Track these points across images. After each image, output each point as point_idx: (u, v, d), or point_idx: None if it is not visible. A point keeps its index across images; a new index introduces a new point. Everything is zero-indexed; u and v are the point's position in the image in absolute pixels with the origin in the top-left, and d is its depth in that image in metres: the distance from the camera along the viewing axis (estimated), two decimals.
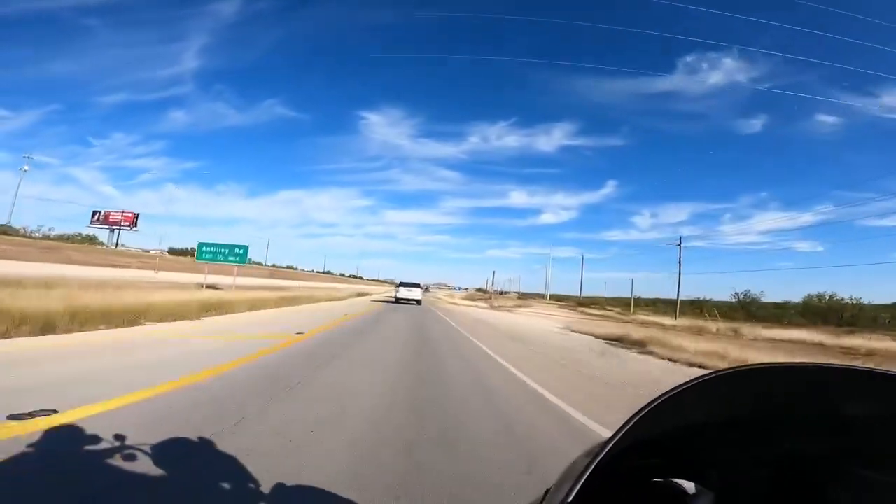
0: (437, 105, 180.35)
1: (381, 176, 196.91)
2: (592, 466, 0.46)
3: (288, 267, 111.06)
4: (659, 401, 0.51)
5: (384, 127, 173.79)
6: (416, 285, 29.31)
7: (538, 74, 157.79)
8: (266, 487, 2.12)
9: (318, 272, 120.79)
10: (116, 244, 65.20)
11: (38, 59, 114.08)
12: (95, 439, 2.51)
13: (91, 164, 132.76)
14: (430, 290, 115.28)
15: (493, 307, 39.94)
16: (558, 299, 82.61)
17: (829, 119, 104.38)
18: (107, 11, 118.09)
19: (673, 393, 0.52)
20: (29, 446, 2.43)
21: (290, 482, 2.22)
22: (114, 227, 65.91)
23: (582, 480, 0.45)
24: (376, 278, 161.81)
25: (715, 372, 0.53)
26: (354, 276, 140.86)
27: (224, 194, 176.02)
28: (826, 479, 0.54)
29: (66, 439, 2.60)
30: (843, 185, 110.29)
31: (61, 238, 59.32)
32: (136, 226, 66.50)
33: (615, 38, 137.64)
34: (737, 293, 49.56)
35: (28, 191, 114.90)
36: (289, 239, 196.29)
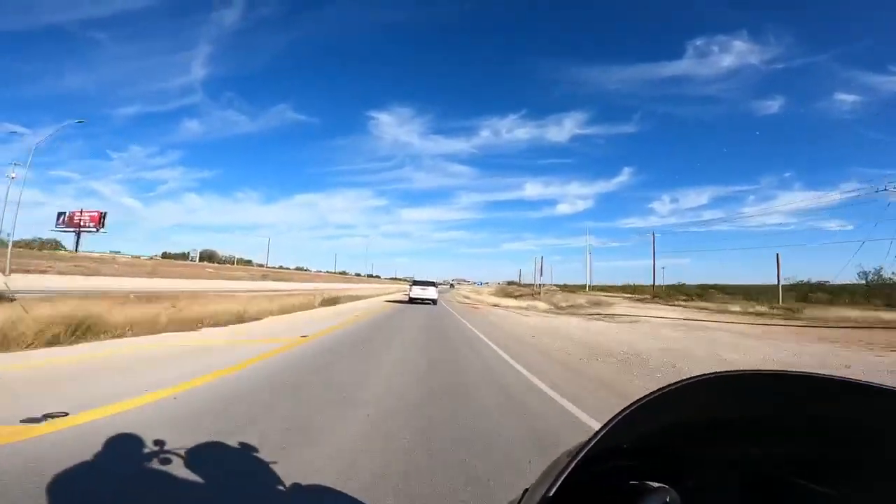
0: (446, 101, 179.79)
1: (393, 175, 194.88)
2: (571, 466, 0.47)
3: (297, 268, 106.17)
4: (636, 405, 0.52)
5: (394, 126, 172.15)
6: (431, 283, 27.25)
7: (546, 65, 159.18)
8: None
9: (329, 272, 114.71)
10: (76, 248, 55.09)
11: (51, 73, 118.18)
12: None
13: (112, 177, 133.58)
14: (455, 287, 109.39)
15: (553, 310, 26.65)
16: (600, 289, 69.05)
17: (849, 98, 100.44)
18: (111, 24, 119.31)
19: (652, 397, 0.53)
20: None
21: None
22: (80, 229, 55.86)
23: (562, 479, 0.46)
24: (394, 276, 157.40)
25: (694, 377, 0.55)
26: (370, 276, 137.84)
27: (242, 201, 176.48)
28: (794, 483, 0.57)
29: None
30: (868, 163, 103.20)
31: (20, 244, 50.32)
32: (102, 227, 56.26)
33: (622, 25, 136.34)
34: (864, 271, 36.18)
35: (54, 203, 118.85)
36: (305, 241, 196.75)
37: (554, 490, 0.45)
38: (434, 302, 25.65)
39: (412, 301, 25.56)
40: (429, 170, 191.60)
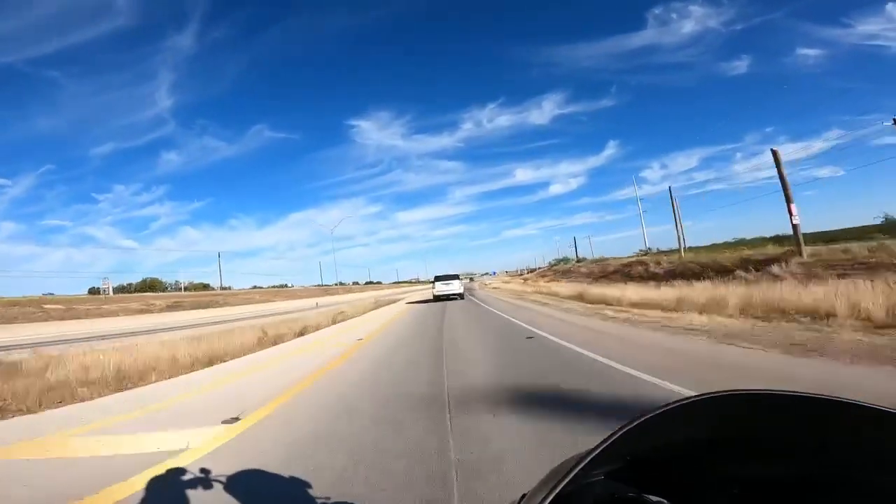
0: (423, 99, 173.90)
1: (384, 180, 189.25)
2: (568, 478, 0.47)
3: (281, 285, 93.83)
4: (639, 420, 0.53)
5: (376, 131, 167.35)
6: (455, 277, 26.27)
7: (516, 50, 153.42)
8: None
9: (317, 286, 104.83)
10: None
11: (17, 118, 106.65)
12: None
13: (103, 220, 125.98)
14: (474, 280, 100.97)
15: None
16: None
17: (811, 52, 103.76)
18: (60, 61, 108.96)
19: (654, 413, 0.53)
20: None
21: None
22: None
23: (557, 490, 0.46)
24: (402, 280, 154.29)
25: (696, 396, 0.55)
26: (370, 283, 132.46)
27: (237, 228, 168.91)
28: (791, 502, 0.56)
29: None
30: (845, 111, 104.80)
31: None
32: None
33: (582, 1, 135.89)
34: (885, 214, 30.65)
35: (55, 256, 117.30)
36: (310, 258, 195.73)
37: (549, 500, 0.45)
38: (461, 296, 24.60)
39: (437, 299, 24.13)
40: (418, 170, 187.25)
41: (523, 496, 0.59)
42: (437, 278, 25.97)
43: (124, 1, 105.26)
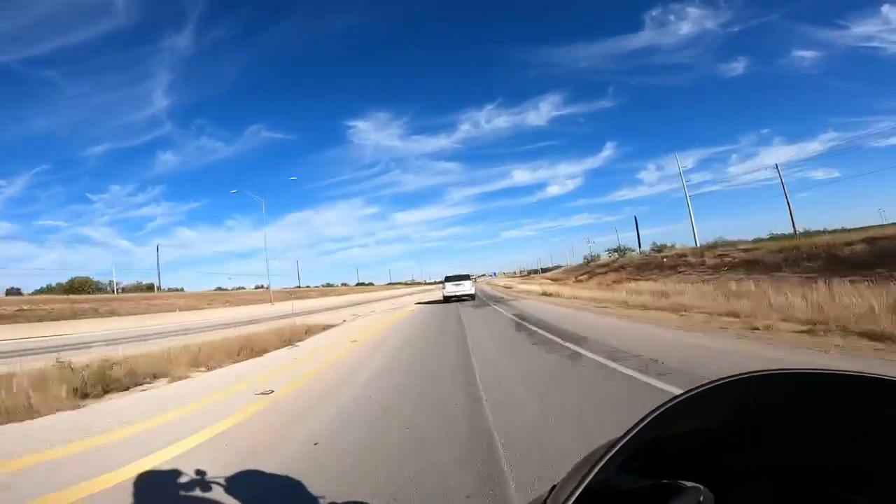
0: (421, 100, 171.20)
1: (382, 181, 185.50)
2: (599, 466, 0.46)
3: (217, 289, 75.28)
4: (669, 404, 0.52)
5: (373, 132, 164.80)
6: (466, 277, 24.85)
7: (514, 50, 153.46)
8: None
9: (283, 289, 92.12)
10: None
11: (12, 118, 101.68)
12: None
13: (98, 220, 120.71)
14: (476, 281, 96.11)
15: None
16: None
17: (808, 54, 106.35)
18: (57, 61, 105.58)
19: (683, 397, 0.53)
20: None
21: None
22: None
23: (588, 479, 0.45)
24: (397, 281, 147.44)
25: (724, 378, 0.54)
26: (361, 284, 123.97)
27: (234, 229, 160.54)
28: (838, 488, 0.54)
29: None
30: (840, 113, 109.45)
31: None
32: None
33: (579, 3, 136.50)
34: None
35: (50, 256, 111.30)
36: (308, 259, 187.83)
37: (579, 492, 0.44)
38: (473, 297, 23.70)
39: (447, 300, 23.18)
40: (416, 171, 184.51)
41: (553, 487, 0.57)
42: (448, 279, 24.97)
43: (123, 1, 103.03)
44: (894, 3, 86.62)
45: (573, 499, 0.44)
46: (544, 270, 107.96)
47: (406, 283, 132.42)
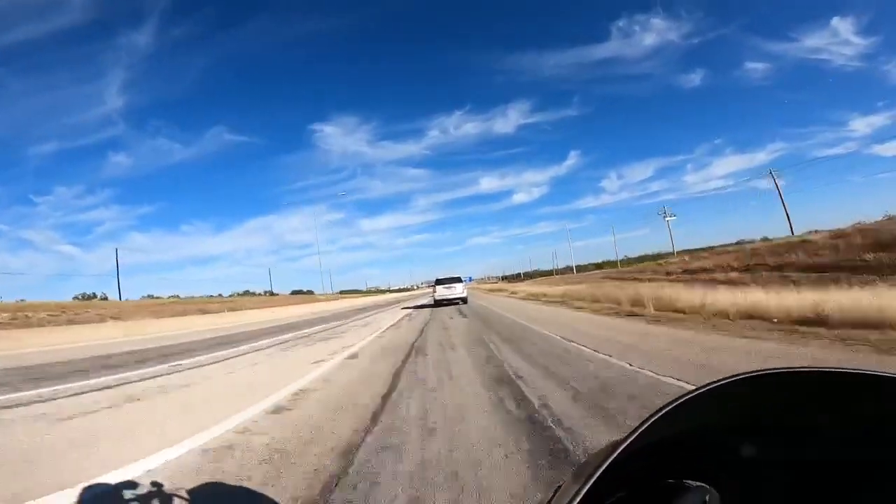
0: (389, 105, 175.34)
1: (347, 186, 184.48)
2: (604, 466, 0.45)
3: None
4: (675, 403, 0.50)
5: (340, 137, 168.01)
6: (457, 279, 23.32)
7: (483, 57, 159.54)
8: None
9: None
10: None
11: None
12: None
13: (41, 223, 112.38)
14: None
15: None
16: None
17: (759, 66, 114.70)
18: (8, 57, 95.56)
19: (689, 396, 0.51)
20: None
21: None
22: None
23: (592, 480, 0.44)
24: (351, 289, 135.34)
25: (733, 375, 0.53)
26: (301, 292, 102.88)
27: (190, 234, 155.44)
28: (848, 488, 0.52)
29: None
30: (787, 123, 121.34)
31: None
32: None
33: (548, 10, 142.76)
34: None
35: None
36: (271, 266, 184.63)
37: (584, 493, 0.43)
38: (465, 301, 22.46)
39: (438, 304, 22.09)
40: (384, 177, 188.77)
41: (558, 488, 0.55)
42: (439, 281, 23.99)
43: None
44: (844, 16, 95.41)
45: (578, 499, 0.43)
46: (527, 276, 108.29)
47: (363, 292, 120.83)
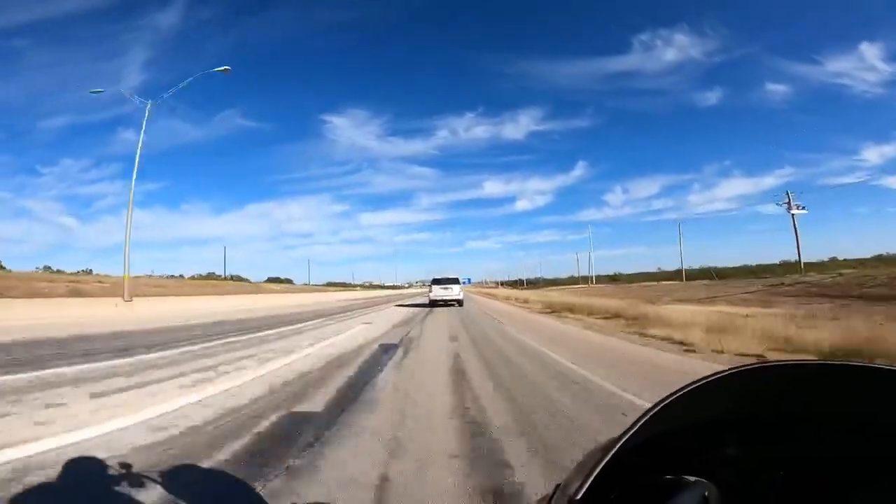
0: (402, 102, 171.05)
1: (352, 179, 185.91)
2: (603, 462, 0.47)
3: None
4: (672, 398, 0.52)
5: (349, 129, 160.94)
6: (454, 280, 22.90)
7: (498, 62, 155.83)
8: None
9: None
10: None
11: None
12: None
13: (44, 194, 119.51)
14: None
15: None
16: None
17: (780, 87, 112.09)
18: (31, 31, 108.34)
19: (686, 390, 0.53)
20: None
21: None
22: None
23: (592, 476, 0.46)
24: (336, 282, 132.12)
25: (729, 369, 0.55)
26: (278, 280, 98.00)
27: (189, 213, 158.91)
28: (847, 484, 0.52)
29: None
30: (799, 148, 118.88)
31: None
32: None
33: (570, 20, 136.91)
34: None
35: None
36: (267, 252, 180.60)
37: (582, 492, 0.45)
38: (460, 303, 22.04)
39: (433, 304, 21.95)
40: (389, 173, 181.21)
41: (558, 486, 0.57)
42: (435, 281, 23.96)
43: None
44: (874, 41, 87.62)
45: (578, 496, 0.44)
46: (529, 283, 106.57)
47: (351, 286, 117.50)
